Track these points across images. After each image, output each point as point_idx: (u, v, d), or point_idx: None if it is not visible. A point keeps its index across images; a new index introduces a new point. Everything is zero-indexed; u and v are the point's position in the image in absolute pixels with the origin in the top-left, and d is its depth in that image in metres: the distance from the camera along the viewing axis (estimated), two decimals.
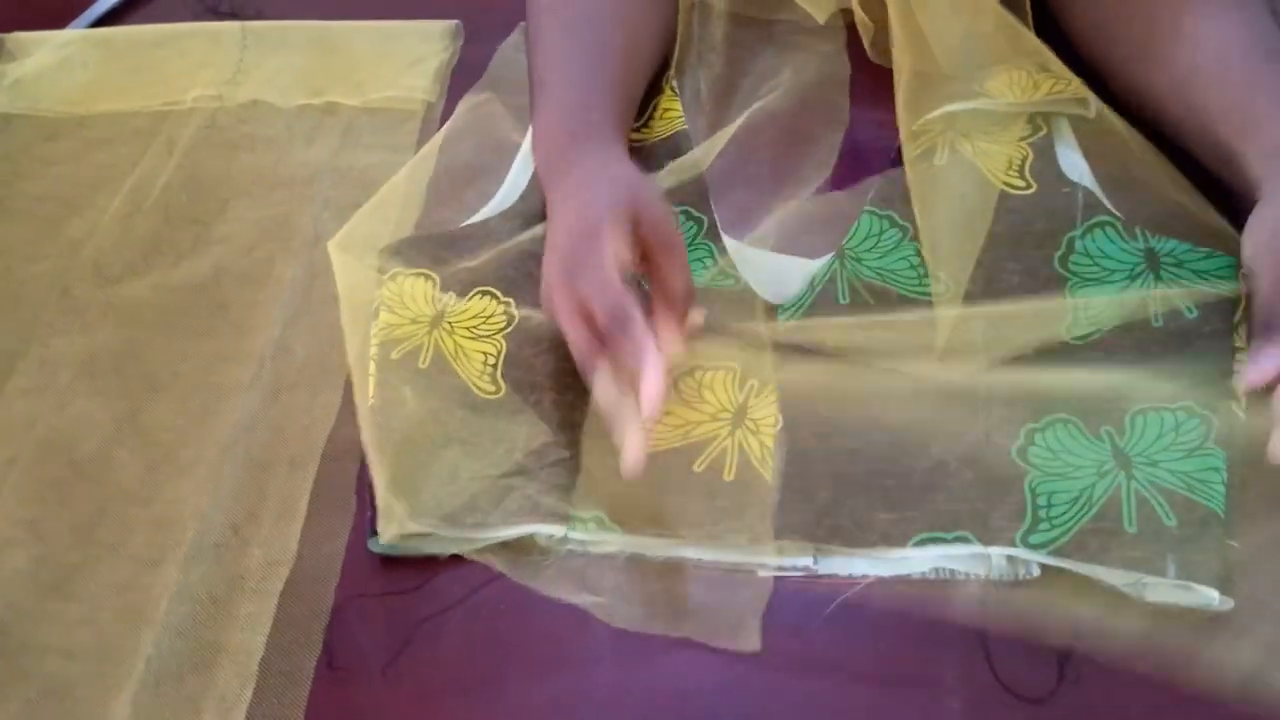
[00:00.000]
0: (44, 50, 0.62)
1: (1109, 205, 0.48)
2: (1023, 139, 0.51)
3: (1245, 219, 0.43)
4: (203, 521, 0.43)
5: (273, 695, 0.39)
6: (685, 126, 0.54)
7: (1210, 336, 0.44)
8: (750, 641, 0.39)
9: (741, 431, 0.43)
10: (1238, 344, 0.43)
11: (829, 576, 0.40)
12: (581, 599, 0.41)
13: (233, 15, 0.64)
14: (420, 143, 0.57)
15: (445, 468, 0.43)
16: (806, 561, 0.41)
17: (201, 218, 0.55)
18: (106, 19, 0.66)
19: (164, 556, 0.43)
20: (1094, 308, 0.45)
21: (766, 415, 0.44)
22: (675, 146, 0.52)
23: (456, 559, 0.42)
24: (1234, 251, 0.44)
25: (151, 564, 0.43)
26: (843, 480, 0.42)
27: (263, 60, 0.62)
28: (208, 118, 0.59)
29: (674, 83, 0.56)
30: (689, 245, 0.49)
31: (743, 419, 0.44)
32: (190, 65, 0.62)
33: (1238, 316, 0.44)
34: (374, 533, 0.42)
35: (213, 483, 0.44)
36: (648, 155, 0.52)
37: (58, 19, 0.65)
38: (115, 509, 0.45)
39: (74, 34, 0.64)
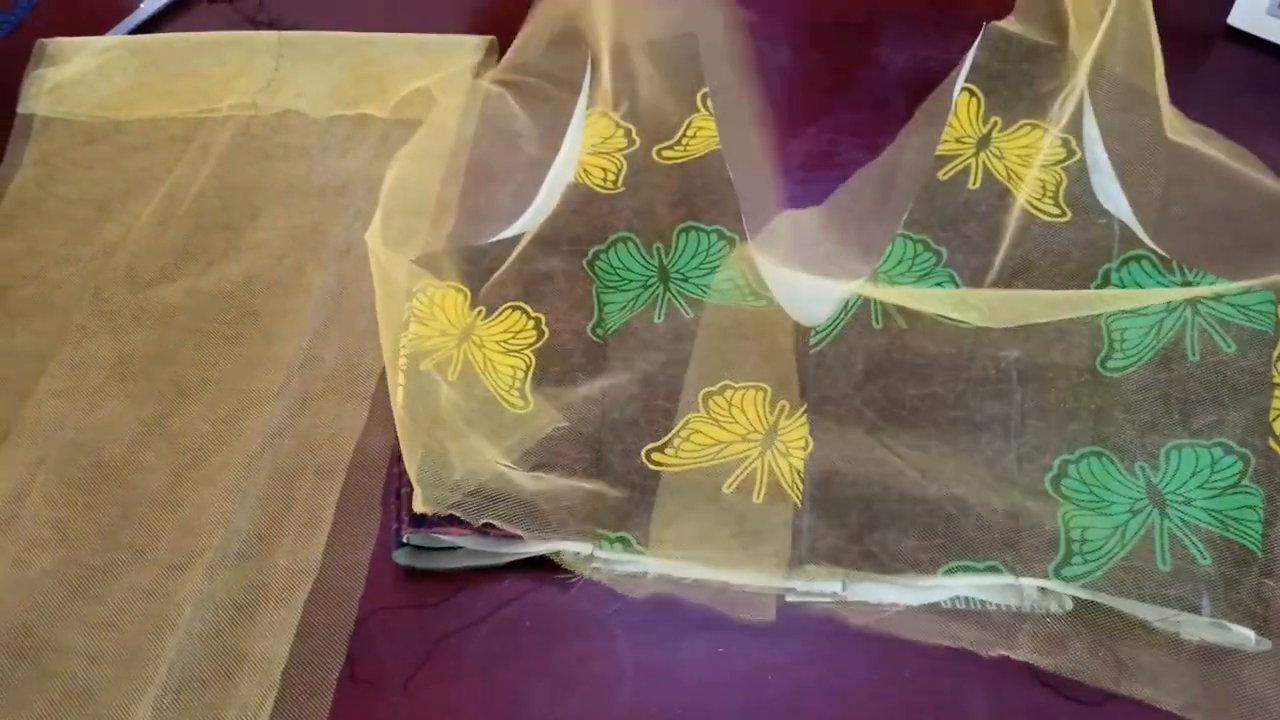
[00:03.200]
0: (83, 56, 0.63)
1: (1145, 239, 0.48)
2: (1057, 163, 0.51)
3: None
4: (228, 528, 0.43)
5: (294, 705, 0.39)
6: (719, 146, 0.54)
7: (1248, 372, 0.43)
8: (766, 613, 0.40)
9: (771, 453, 0.43)
10: (1277, 379, 0.43)
11: (857, 603, 0.40)
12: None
13: (270, 25, 0.65)
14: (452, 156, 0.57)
15: (474, 450, 0.42)
16: (835, 587, 0.40)
17: (233, 224, 0.55)
18: (145, 26, 0.67)
19: (189, 562, 0.43)
20: (1130, 339, 0.45)
21: (797, 437, 0.43)
22: (709, 166, 0.52)
23: (480, 575, 0.42)
24: (1273, 286, 0.44)
25: (176, 569, 0.43)
26: (873, 505, 0.41)
27: (297, 70, 0.62)
28: (242, 126, 0.60)
29: (709, 102, 0.56)
30: (720, 263, 0.49)
31: (773, 440, 0.43)
32: (226, 73, 0.62)
33: (1277, 352, 0.43)
34: (400, 544, 0.42)
35: (239, 490, 0.45)
36: (683, 175, 0.52)
37: (99, 26, 0.66)
38: (141, 513, 0.45)
39: (113, 40, 0.64)
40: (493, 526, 0.41)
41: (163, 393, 0.49)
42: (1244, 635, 0.37)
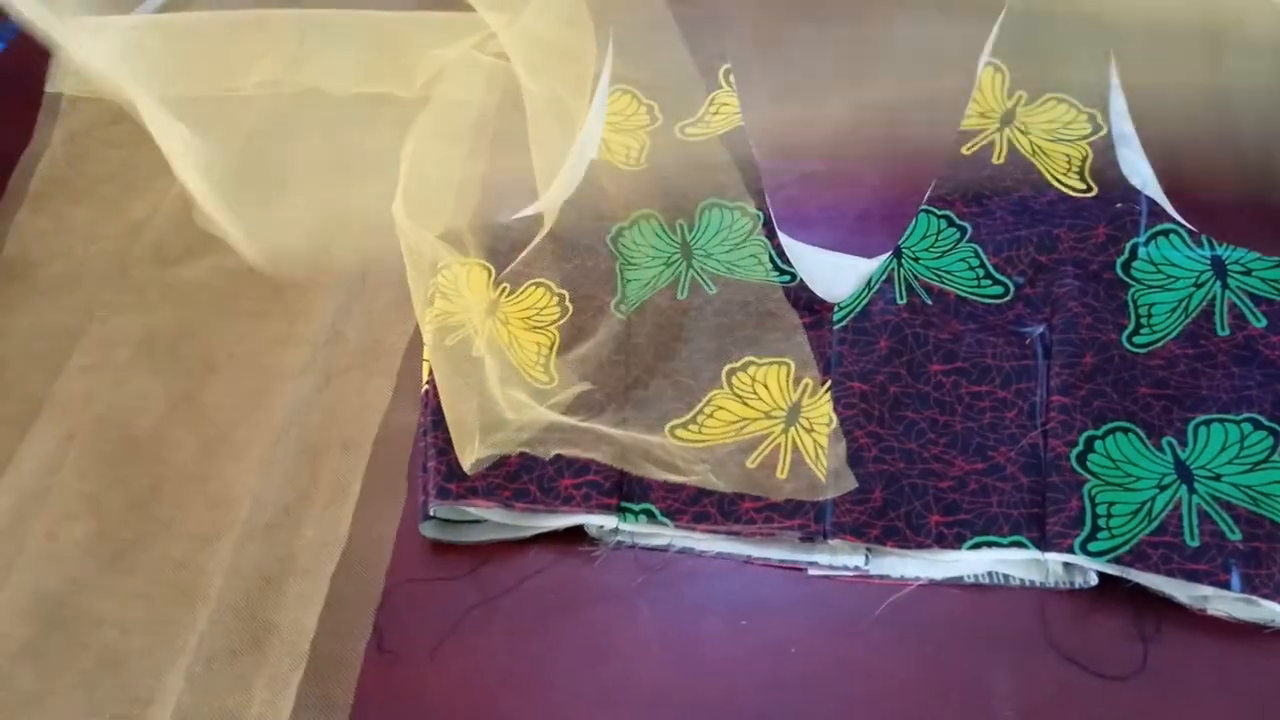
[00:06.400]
0: (109, 34, 0.63)
1: (1174, 213, 0.47)
2: (1083, 138, 0.50)
3: None
4: (256, 501, 0.44)
5: (323, 675, 0.39)
6: (742, 123, 0.53)
7: (1278, 346, 0.43)
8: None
9: (795, 429, 0.43)
10: None
11: (880, 577, 0.40)
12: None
13: (294, 4, 0.65)
14: (475, 134, 0.57)
15: (495, 429, 0.43)
16: (858, 561, 0.40)
17: (260, 202, 0.56)
18: (171, 4, 0.67)
19: (218, 534, 0.44)
20: (1158, 314, 0.44)
21: (821, 414, 0.43)
22: (732, 143, 0.52)
23: (506, 547, 0.42)
24: None
25: (206, 541, 0.44)
26: (897, 481, 0.41)
27: (321, 49, 0.62)
28: (267, 104, 0.60)
29: (731, 77, 0.55)
30: (744, 241, 0.49)
31: (797, 417, 0.43)
32: (250, 52, 0.62)
33: None
34: (426, 517, 0.42)
35: (266, 464, 0.45)
36: (706, 152, 0.52)
37: (124, 5, 0.66)
38: (171, 486, 0.46)
39: (139, 19, 0.65)
40: (518, 499, 0.42)
41: (190, 369, 0.49)
42: (1274, 610, 0.37)
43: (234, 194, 0.55)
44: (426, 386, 0.45)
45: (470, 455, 0.42)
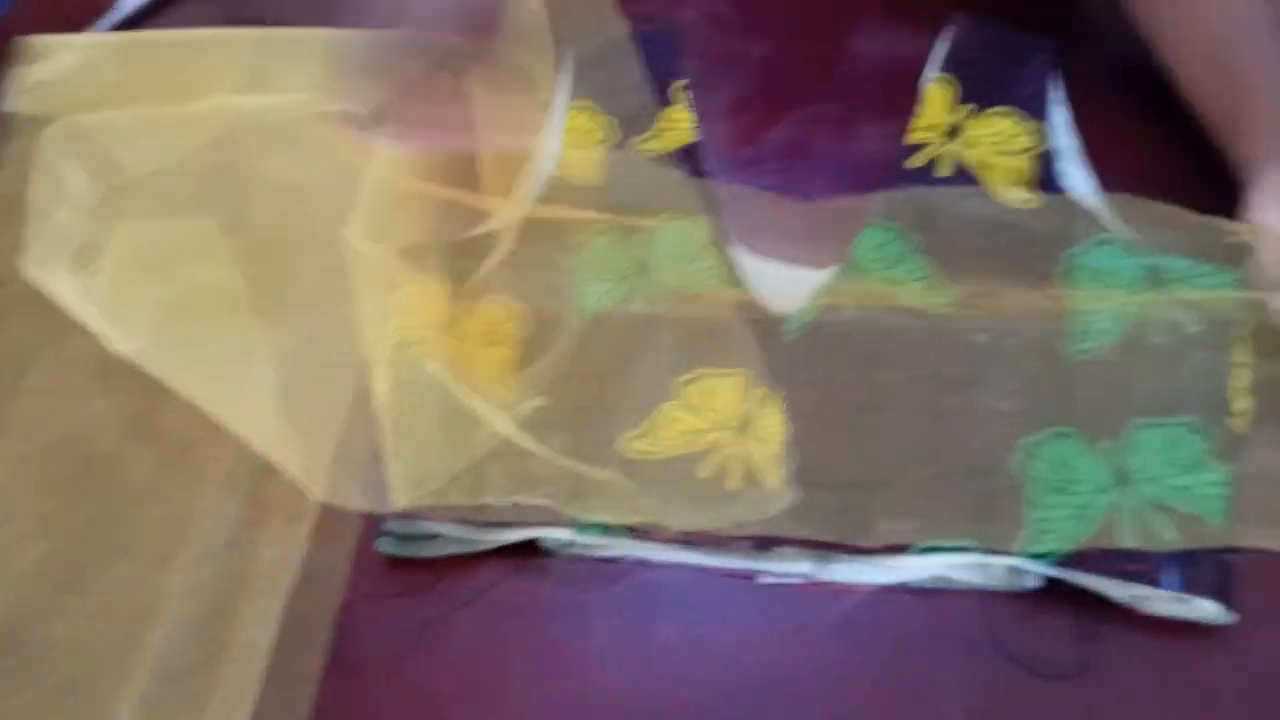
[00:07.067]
0: (66, 53, 0.63)
1: (1111, 224, 0.49)
2: (1026, 151, 0.52)
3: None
4: (213, 520, 0.44)
5: (280, 692, 0.39)
6: (696, 139, 0.54)
7: (1210, 351, 0.44)
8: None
9: (747, 440, 0.44)
10: (1238, 359, 0.44)
11: (830, 584, 0.41)
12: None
13: (256, 23, 0.65)
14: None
15: (458, 439, 0.43)
16: (808, 568, 0.41)
17: (221, 220, 0.56)
18: (127, 24, 0.67)
19: (174, 554, 0.44)
20: (1097, 321, 0.45)
21: (772, 424, 0.44)
22: (686, 158, 0.53)
23: (463, 562, 0.43)
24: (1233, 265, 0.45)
25: (161, 562, 0.44)
26: (847, 489, 0.42)
27: (282, 67, 0.62)
28: (225, 123, 0.60)
29: (685, 93, 0.56)
30: (698, 254, 0.50)
31: (748, 427, 0.44)
32: (209, 71, 0.62)
33: (1237, 331, 0.44)
34: (382, 534, 0.42)
35: (224, 482, 0.45)
36: (660, 167, 0.53)
37: (80, 24, 0.66)
38: (127, 507, 0.45)
39: (95, 38, 0.64)
40: (474, 513, 0.42)
41: (147, 388, 0.49)
42: (1206, 609, 0.38)
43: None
44: (381, 403, 0.45)
45: (413, 490, 0.42)
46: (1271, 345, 0.43)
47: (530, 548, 0.43)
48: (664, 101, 0.56)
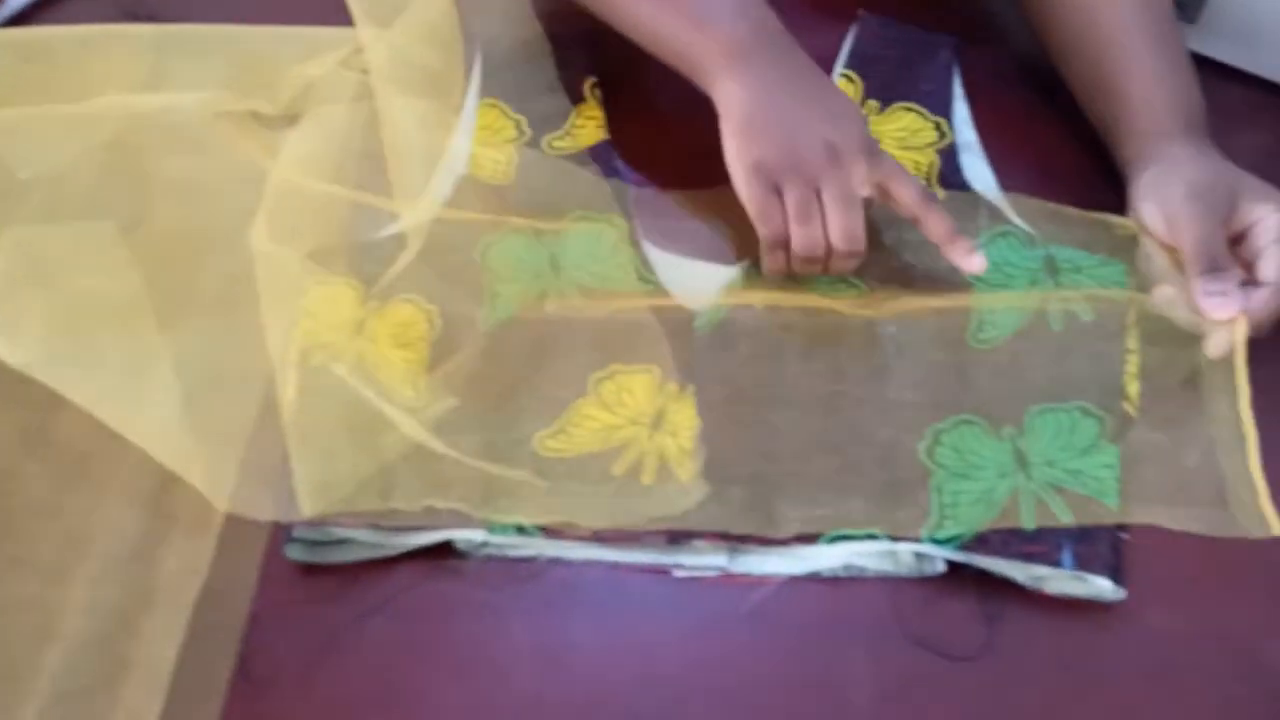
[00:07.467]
0: None
1: (1011, 216, 0.50)
2: (929, 145, 0.53)
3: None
4: (114, 534, 0.42)
5: (185, 708, 0.38)
6: (607, 136, 0.54)
7: (1105, 339, 0.46)
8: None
9: (660, 435, 0.44)
10: (1129, 345, 0.45)
11: (743, 575, 0.41)
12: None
13: (151, 19, 0.63)
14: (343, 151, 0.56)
15: (366, 444, 0.43)
16: (722, 561, 0.41)
17: (119, 223, 0.54)
18: (17, 19, 0.64)
19: (72, 570, 0.42)
20: (998, 311, 0.47)
21: (685, 419, 0.44)
22: (598, 155, 0.53)
23: (376, 566, 0.42)
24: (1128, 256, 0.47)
25: (59, 578, 0.42)
26: (758, 481, 0.43)
27: (182, 65, 0.61)
28: (122, 122, 0.58)
29: (597, 91, 0.56)
30: (611, 252, 0.50)
31: (661, 422, 0.44)
32: (105, 69, 0.60)
33: (1129, 318, 0.46)
34: (291, 540, 0.42)
35: (125, 494, 0.44)
36: (572, 165, 0.53)
37: None
38: (22, 522, 0.44)
39: None
40: (384, 517, 0.41)
41: (42, 399, 0.47)
42: (1101, 586, 0.40)
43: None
44: (287, 408, 0.44)
45: (321, 497, 0.41)
46: (1157, 332, 0.45)
47: (444, 550, 0.42)
48: (576, 100, 0.56)
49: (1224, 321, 0.42)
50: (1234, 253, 0.44)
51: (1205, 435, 0.42)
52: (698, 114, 0.57)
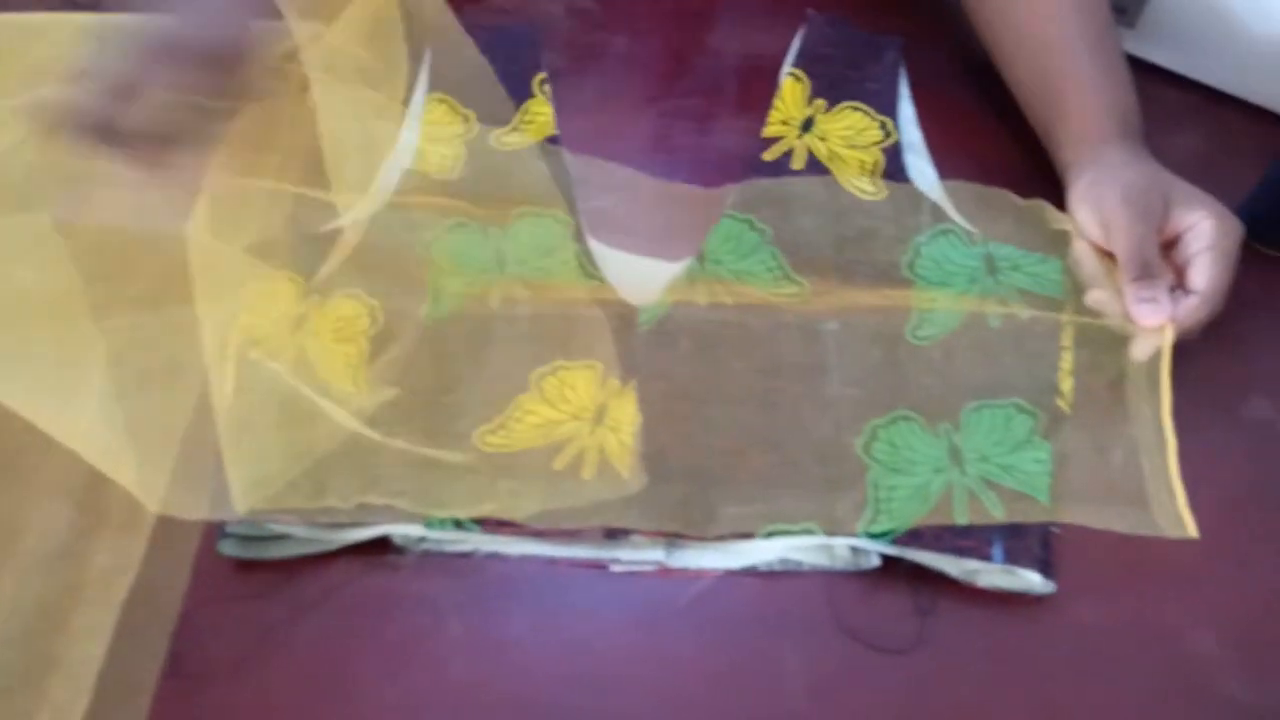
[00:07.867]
0: None
1: (953, 214, 0.51)
2: (875, 144, 0.53)
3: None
4: (43, 530, 0.42)
5: (111, 706, 0.38)
6: (556, 131, 0.54)
7: (1040, 335, 0.46)
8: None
9: (601, 430, 0.44)
10: (1064, 343, 0.46)
11: (680, 570, 0.42)
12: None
13: (92, 7, 0.62)
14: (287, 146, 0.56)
15: (295, 442, 0.42)
16: (659, 555, 0.42)
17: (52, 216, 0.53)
18: None
19: None
20: (937, 309, 0.47)
21: (626, 414, 0.44)
22: (546, 151, 0.53)
23: (312, 562, 0.42)
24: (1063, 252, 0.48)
25: None
26: (697, 475, 0.43)
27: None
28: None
29: (546, 86, 0.56)
30: (556, 247, 0.50)
31: (603, 418, 0.44)
32: (47, 57, 0.59)
33: (1065, 316, 0.47)
34: (225, 536, 0.41)
35: (54, 490, 0.43)
36: (520, 160, 0.53)
37: None
38: None
39: None
40: (321, 512, 0.41)
41: None
42: (1031, 579, 0.40)
43: None
44: (222, 405, 0.44)
45: (254, 494, 0.41)
46: (1089, 331, 0.46)
47: (381, 545, 0.42)
48: (525, 95, 0.56)
49: (1153, 328, 0.43)
50: (1166, 258, 0.45)
51: (1130, 436, 0.43)
52: (646, 110, 0.58)
